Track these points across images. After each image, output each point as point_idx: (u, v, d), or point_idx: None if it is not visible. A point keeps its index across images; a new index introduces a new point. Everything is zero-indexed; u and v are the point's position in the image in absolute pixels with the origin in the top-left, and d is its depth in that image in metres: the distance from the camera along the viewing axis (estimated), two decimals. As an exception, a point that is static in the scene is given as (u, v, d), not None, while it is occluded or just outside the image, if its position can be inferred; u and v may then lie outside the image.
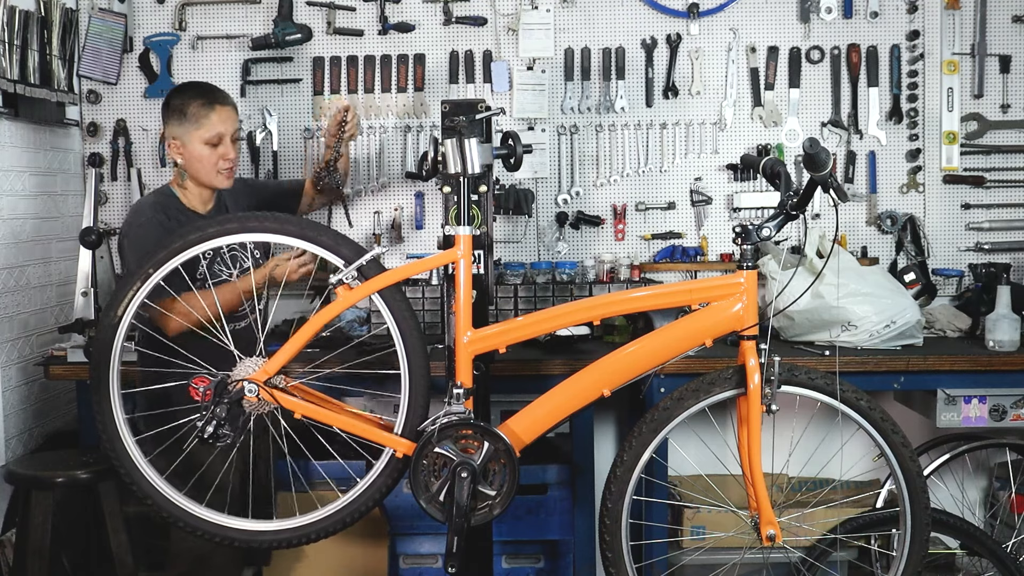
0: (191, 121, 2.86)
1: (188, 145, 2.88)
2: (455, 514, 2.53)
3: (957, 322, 3.54)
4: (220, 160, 2.89)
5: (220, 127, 2.88)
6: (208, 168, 2.90)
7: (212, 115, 2.87)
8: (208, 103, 2.87)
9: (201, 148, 2.87)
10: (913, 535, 2.68)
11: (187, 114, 2.86)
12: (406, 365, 2.69)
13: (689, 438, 3.25)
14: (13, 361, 3.29)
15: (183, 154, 2.89)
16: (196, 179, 2.92)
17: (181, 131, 2.88)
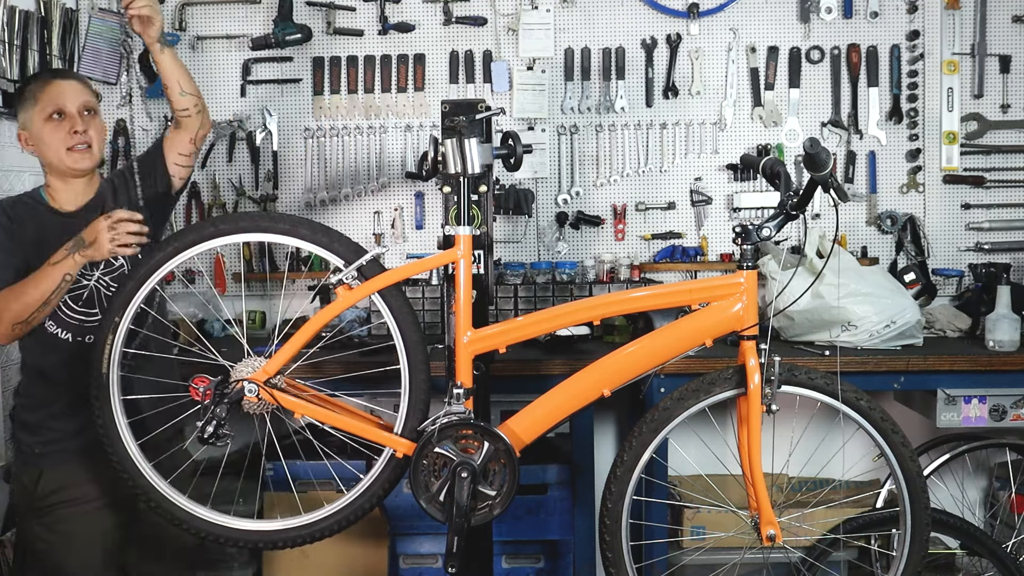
0: (30, 100, 2.58)
1: (32, 129, 2.58)
2: (455, 514, 2.53)
3: (957, 322, 3.54)
4: (66, 134, 2.56)
5: (59, 100, 2.57)
6: (56, 147, 2.56)
7: (48, 88, 2.58)
8: (47, 78, 2.63)
9: (43, 127, 2.56)
10: (913, 535, 2.67)
11: (25, 95, 2.60)
12: (406, 365, 2.69)
13: (689, 438, 3.25)
14: (13, 361, 3.29)
15: (34, 144, 2.60)
16: (52, 168, 2.61)
17: (25, 117, 2.60)
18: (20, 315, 2.45)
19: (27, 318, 2.47)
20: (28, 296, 2.46)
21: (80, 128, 2.57)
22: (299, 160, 3.84)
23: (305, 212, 3.78)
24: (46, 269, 2.45)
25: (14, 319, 2.46)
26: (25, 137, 2.60)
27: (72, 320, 2.59)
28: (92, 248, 2.47)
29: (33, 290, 2.46)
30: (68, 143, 2.56)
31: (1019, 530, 3.48)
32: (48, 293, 2.47)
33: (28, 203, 2.60)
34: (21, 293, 2.46)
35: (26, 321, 2.47)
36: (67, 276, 2.47)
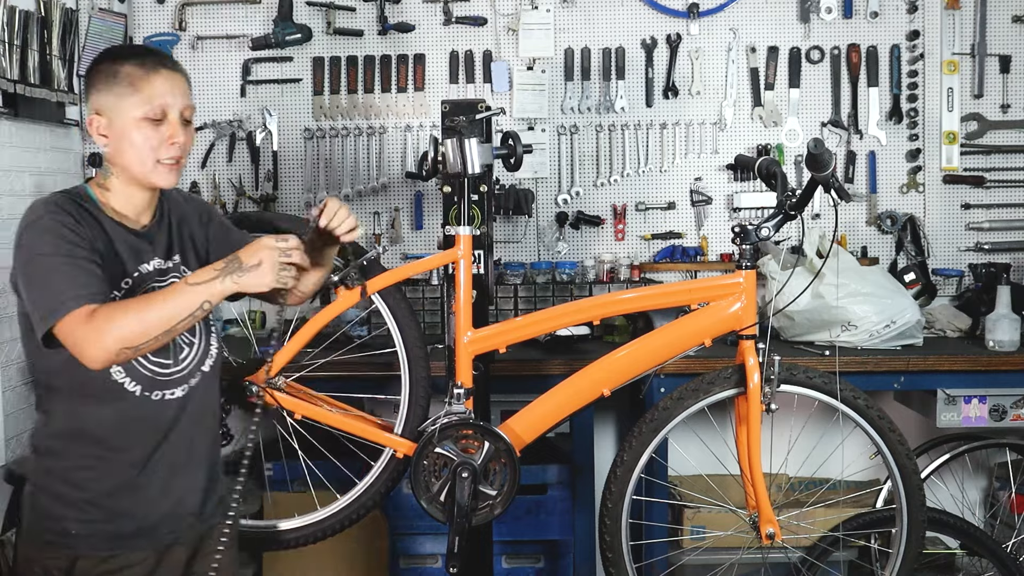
0: (123, 84, 1.97)
1: (117, 121, 1.98)
2: (456, 514, 2.54)
3: (957, 322, 3.54)
4: (163, 145, 1.99)
5: (166, 96, 1.99)
6: (145, 156, 1.99)
7: (155, 78, 1.99)
8: (152, 63, 2.00)
9: (137, 126, 1.98)
10: (909, 532, 2.68)
11: (119, 76, 1.98)
12: (406, 365, 2.70)
13: (689, 438, 3.25)
14: (13, 361, 3.29)
15: (110, 136, 2.00)
16: (127, 172, 2.02)
17: (110, 101, 1.98)
18: (136, 338, 1.84)
19: (141, 343, 1.85)
20: (150, 316, 1.86)
21: (180, 139, 2.01)
22: (299, 160, 3.84)
23: (305, 212, 3.78)
24: (181, 287, 1.90)
25: (125, 341, 1.83)
26: (99, 125, 2.01)
27: (144, 370, 2.01)
28: (252, 275, 1.93)
29: (158, 310, 1.87)
30: (161, 155, 2.00)
31: (1019, 530, 3.48)
32: (178, 319, 1.88)
33: (84, 207, 1.99)
34: (141, 310, 1.86)
35: (137, 347, 1.85)
36: (206, 304, 1.92)
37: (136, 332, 1.84)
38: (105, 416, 1.99)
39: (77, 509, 1.99)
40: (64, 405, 2.01)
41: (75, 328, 1.83)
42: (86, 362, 1.85)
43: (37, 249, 1.89)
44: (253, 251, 1.95)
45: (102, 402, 1.99)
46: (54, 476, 2.01)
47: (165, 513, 2.06)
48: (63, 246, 1.89)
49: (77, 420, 2.00)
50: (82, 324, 1.82)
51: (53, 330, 1.85)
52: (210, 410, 2.16)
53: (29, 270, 1.90)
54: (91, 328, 1.82)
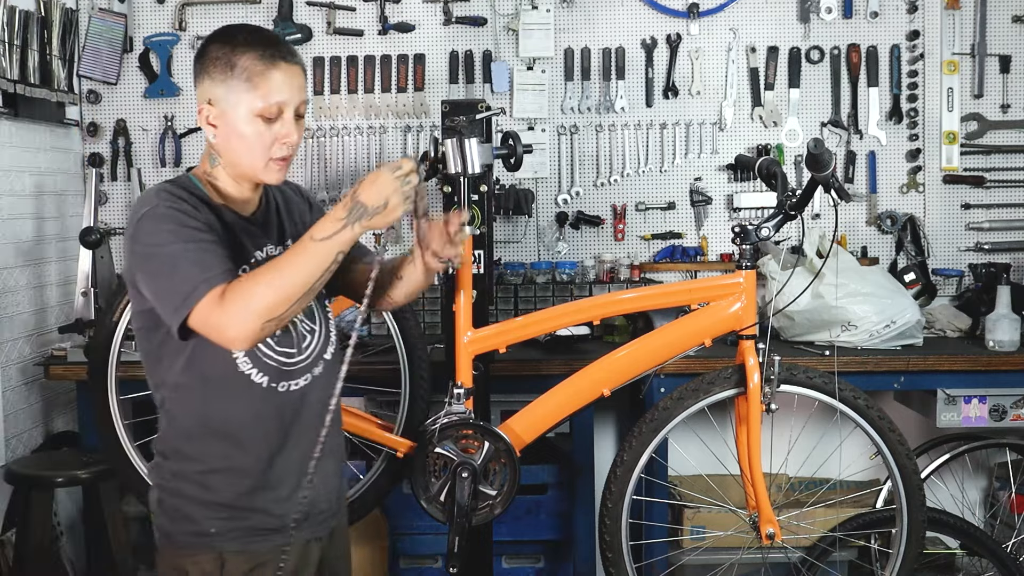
0: (240, 78, 1.86)
1: (230, 114, 1.87)
2: (456, 514, 2.54)
3: (957, 322, 3.54)
4: (276, 143, 1.89)
5: (283, 93, 1.87)
6: (257, 153, 1.89)
7: (274, 73, 1.87)
8: (271, 55, 1.88)
9: (250, 122, 1.87)
10: (909, 532, 2.69)
11: (235, 66, 1.86)
12: (406, 365, 2.70)
13: (689, 438, 3.25)
14: (13, 361, 3.29)
15: (220, 127, 1.89)
16: (235, 166, 1.92)
17: (223, 92, 1.87)
18: (276, 307, 1.73)
19: (283, 311, 1.74)
20: (284, 281, 1.73)
21: (293, 139, 1.90)
22: (299, 160, 3.84)
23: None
24: (308, 246, 1.76)
25: (268, 312, 1.72)
26: (210, 114, 1.89)
27: (270, 360, 1.92)
28: (383, 214, 1.79)
29: (291, 273, 1.74)
30: (273, 153, 1.89)
31: (1019, 530, 3.48)
32: (314, 278, 1.76)
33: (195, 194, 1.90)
34: (274, 277, 1.74)
35: (280, 316, 1.74)
36: (339, 256, 1.78)
37: (275, 300, 1.72)
38: (233, 411, 1.90)
39: (213, 509, 1.90)
40: (190, 405, 1.91)
41: (210, 312, 1.72)
42: (230, 344, 1.76)
43: (156, 239, 1.78)
44: (375, 190, 1.78)
45: (230, 396, 1.89)
46: (185, 479, 1.91)
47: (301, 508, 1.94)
48: (183, 231, 1.78)
49: (205, 418, 1.90)
50: (216, 307, 1.72)
51: (188, 320, 1.75)
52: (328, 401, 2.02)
53: (151, 264, 1.79)
54: (227, 308, 1.71)
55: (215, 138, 1.90)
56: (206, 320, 1.73)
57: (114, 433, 2.76)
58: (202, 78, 1.90)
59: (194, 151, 3.82)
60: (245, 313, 1.71)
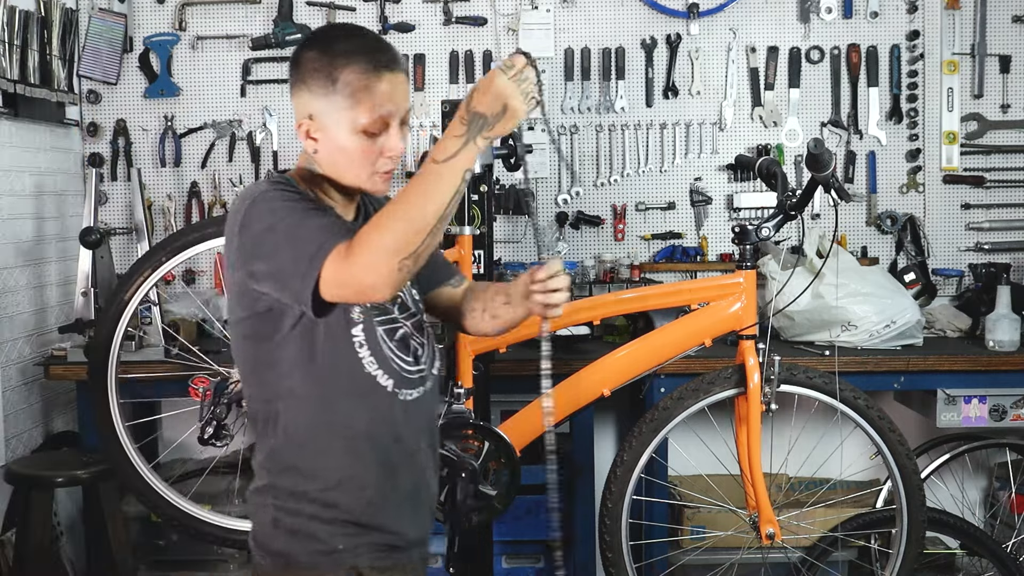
0: (343, 93, 1.72)
1: (332, 129, 1.75)
2: (456, 514, 2.54)
3: (957, 322, 3.54)
4: (381, 157, 1.77)
5: (388, 105, 1.74)
6: (361, 167, 1.77)
7: (379, 86, 1.73)
8: (374, 67, 1.73)
9: (354, 137, 1.74)
10: (909, 532, 2.69)
11: (338, 83, 1.73)
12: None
13: (689, 438, 3.25)
14: (13, 361, 3.29)
15: (321, 142, 1.77)
16: (338, 179, 1.80)
17: (324, 107, 1.74)
18: (410, 241, 1.56)
19: (419, 247, 1.57)
20: (418, 210, 1.57)
21: (397, 151, 1.77)
22: (299, 160, 3.83)
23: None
24: (432, 170, 1.59)
25: (403, 248, 1.55)
26: (310, 128, 1.77)
27: (394, 364, 1.80)
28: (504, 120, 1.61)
29: (423, 200, 1.57)
30: (378, 167, 1.77)
31: (1019, 530, 3.48)
32: (445, 202, 1.58)
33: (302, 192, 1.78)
34: (404, 208, 1.57)
35: (416, 252, 1.56)
36: (468, 174, 1.61)
37: (407, 234, 1.55)
38: (357, 417, 1.77)
39: (337, 525, 1.77)
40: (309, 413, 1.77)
41: (340, 266, 1.57)
42: (371, 294, 1.59)
43: (271, 217, 1.67)
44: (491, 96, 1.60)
45: (354, 400, 1.77)
46: (304, 498, 1.77)
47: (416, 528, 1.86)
48: (299, 205, 1.69)
49: (326, 426, 1.76)
50: (345, 259, 1.57)
51: (319, 287, 1.60)
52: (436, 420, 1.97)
53: (268, 241, 1.66)
54: (357, 255, 1.56)
55: (316, 152, 1.77)
56: (337, 275, 1.58)
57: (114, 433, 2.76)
58: (299, 90, 1.77)
59: (194, 151, 3.82)
60: (378, 253, 1.54)
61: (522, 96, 1.62)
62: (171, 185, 3.82)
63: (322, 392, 1.76)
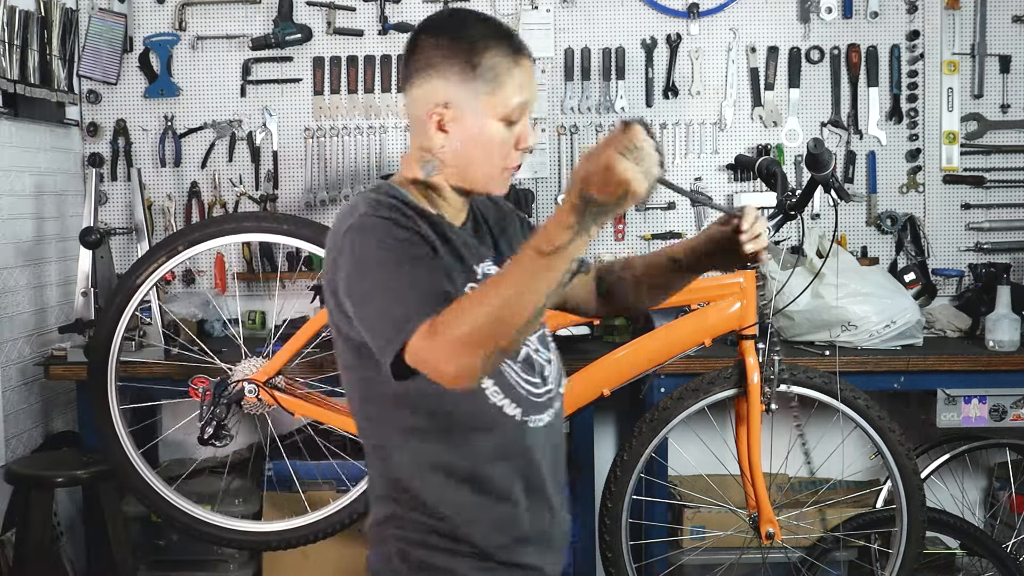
0: (485, 78, 1.61)
1: (470, 118, 1.62)
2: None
3: (957, 322, 3.54)
4: (512, 152, 1.66)
5: (526, 92, 1.64)
6: (495, 161, 1.65)
7: (518, 71, 1.63)
8: (514, 51, 1.64)
9: (493, 127, 1.63)
10: (909, 532, 2.69)
11: (479, 69, 1.61)
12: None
13: (689, 438, 3.25)
14: (13, 361, 3.29)
15: (454, 133, 1.63)
16: (464, 176, 1.67)
17: (464, 95, 1.61)
18: (499, 336, 1.39)
19: (508, 342, 1.41)
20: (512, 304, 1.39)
21: (533, 143, 1.68)
22: (299, 160, 3.84)
23: (305, 212, 3.78)
24: (534, 260, 1.39)
25: (489, 342, 1.39)
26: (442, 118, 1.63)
27: (521, 390, 1.67)
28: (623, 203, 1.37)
29: (519, 293, 1.39)
30: (509, 161, 1.66)
31: (1019, 530, 3.48)
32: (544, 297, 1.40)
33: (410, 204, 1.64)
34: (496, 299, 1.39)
35: (504, 349, 1.41)
36: (573, 264, 1.42)
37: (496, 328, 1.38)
38: (483, 452, 1.63)
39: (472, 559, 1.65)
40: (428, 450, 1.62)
41: (422, 346, 1.42)
42: (449, 382, 1.43)
43: (365, 257, 1.52)
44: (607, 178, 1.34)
45: (479, 433, 1.62)
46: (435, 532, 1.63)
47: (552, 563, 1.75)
48: (398, 248, 1.52)
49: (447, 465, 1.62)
50: (429, 339, 1.41)
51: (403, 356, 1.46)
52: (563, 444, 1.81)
53: (360, 286, 1.53)
54: (440, 340, 1.40)
55: (444, 146, 1.63)
56: (418, 355, 1.43)
57: (114, 433, 2.76)
58: (429, 77, 1.62)
59: (194, 151, 3.82)
60: (461, 345, 1.39)
61: (643, 175, 1.36)
62: (171, 185, 3.82)
63: (442, 427, 1.61)
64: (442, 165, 1.66)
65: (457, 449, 1.62)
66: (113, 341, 2.75)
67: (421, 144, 1.66)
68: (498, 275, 1.44)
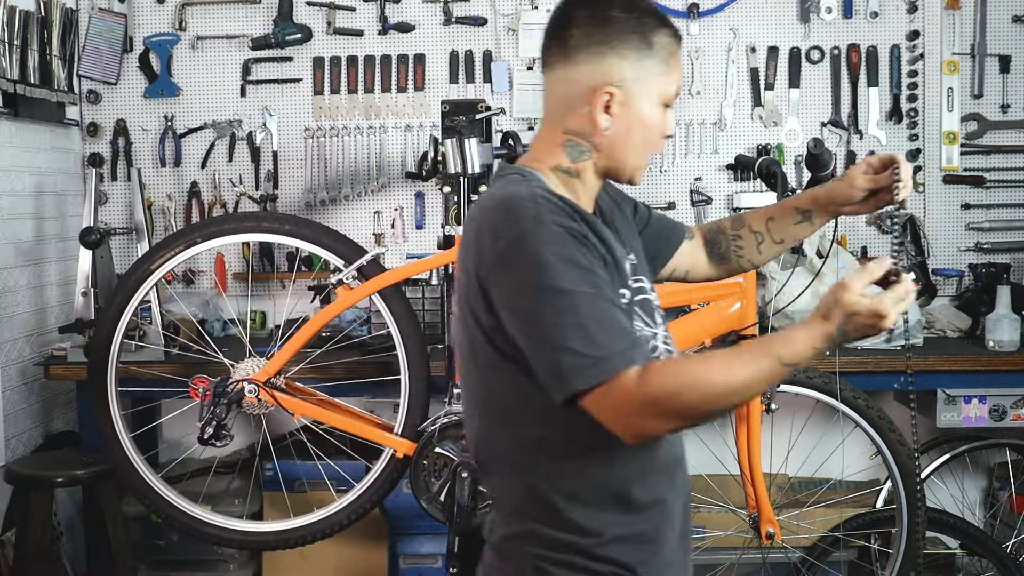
0: (657, 58, 1.54)
1: (639, 100, 1.53)
2: (456, 514, 2.54)
3: (957, 322, 3.54)
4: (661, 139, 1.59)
5: (680, 78, 1.60)
6: (649, 147, 1.58)
7: (679, 54, 1.57)
8: (675, 32, 1.57)
9: (656, 110, 1.55)
10: (909, 532, 2.69)
11: (654, 46, 1.53)
12: (406, 365, 2.70)
13: (689, 438, 3.24)
14: (13, 361, 3.29)
15: (619, 115, 1.54)
16: (614, 161, 1.57)
17: (637, 74, 1.52)
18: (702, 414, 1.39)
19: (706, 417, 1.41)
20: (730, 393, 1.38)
21: (671, 132, 1.61)
22: (299, 160, 3.84)
23: (305, 212, 3.78)
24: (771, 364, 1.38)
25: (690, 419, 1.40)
26: (611, 100, 1.52)
27: None
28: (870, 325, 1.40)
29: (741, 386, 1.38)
30: (656, 149, 1.61)
31: (1019, 530, 3.48)
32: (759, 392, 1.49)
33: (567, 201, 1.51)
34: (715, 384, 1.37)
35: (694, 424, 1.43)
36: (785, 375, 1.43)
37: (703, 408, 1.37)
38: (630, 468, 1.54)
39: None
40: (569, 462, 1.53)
41: (619, 398, 1.36)
42: (627, 436, 1.39)
43: (545, 274, 1.39)
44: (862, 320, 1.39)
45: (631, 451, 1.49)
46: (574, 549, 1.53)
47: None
48: (577, 270, 1.41)
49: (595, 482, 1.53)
50: (630, 393, 1.35)
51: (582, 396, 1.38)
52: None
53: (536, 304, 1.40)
54: (647, 400, 1.35)
55: (607, 129, 1.53)
56: (611, 404, 1.37)
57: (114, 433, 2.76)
58: (602, 54, 1.51)
59: (194, 151, 3.82)
60: (667, 409, 1.36)
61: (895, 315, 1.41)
62: (171, 185, 3.82)
63: (598, 443, 1.49)
64: (594, 150, 1.55)
65: (608, 466, 1.52)
66: (113, 341, 2.75)
67: (568, 127, 1.54)
68: (726, 358, 1.39)
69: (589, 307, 1.38)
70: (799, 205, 1.88)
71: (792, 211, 1.87)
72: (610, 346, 1.37)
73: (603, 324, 1.38)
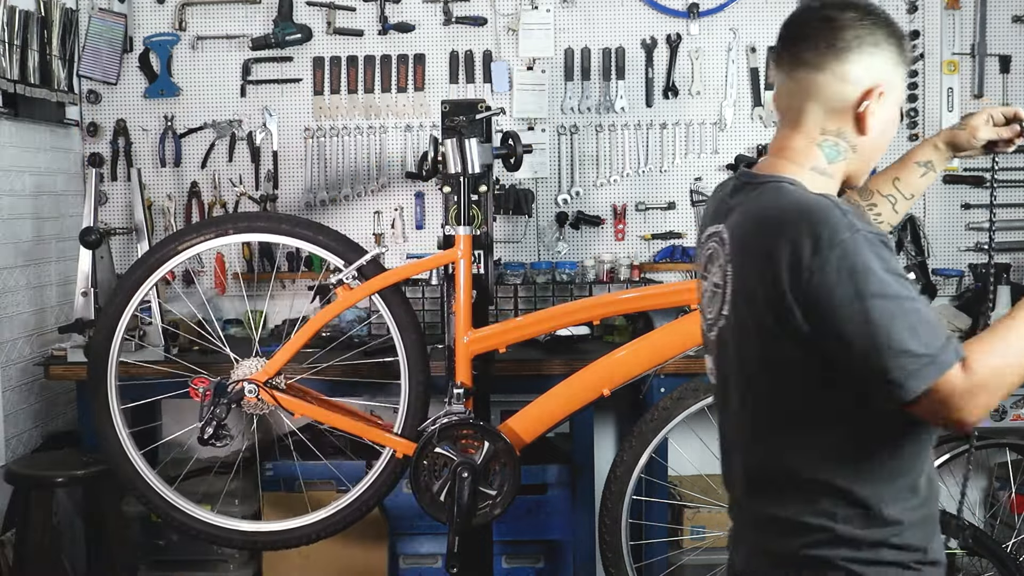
0: (904, 60, 1.57)
1: (891, 104, 1.56)
2: (456, 514, 2.54)
3: (957, 322, 3.54)
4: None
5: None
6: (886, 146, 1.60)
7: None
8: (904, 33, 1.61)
9: (897, 111, 1.59)
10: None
11: (903, 47, 1.57)
12: (406, 365, 2.70)
13: (689, 438, 3.25)
14: (13, 361, 3.29)
15: (877, 118, 1.55)
16: (864, 165, 1.60)
17: (895, 77, 1.56)
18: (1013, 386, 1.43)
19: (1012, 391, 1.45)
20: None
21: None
22: (299, 160, 3.84)
23: (305, 212, 3.78)
24: None
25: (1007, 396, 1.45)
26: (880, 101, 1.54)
27: None
28: None
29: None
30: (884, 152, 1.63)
31: (1019, 530, 3.48)
32: None
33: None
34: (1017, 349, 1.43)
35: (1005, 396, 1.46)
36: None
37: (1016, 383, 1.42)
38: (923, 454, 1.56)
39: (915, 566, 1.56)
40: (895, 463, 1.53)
41: (956, 388, 1.38)
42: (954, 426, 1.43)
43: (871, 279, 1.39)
44: None
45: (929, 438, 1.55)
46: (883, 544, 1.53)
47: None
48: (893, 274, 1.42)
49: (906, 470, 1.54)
50: (964, 383, 1.39)
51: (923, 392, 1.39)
52: None
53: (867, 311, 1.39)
54: (976, 388, 1.39)
55: (869, 132, 1.54)
56: (949, 395, 1.39)
57: (114, 433, 2.76)
58: (872, 55, 1.53)
59: (194, 151, 3.82)
60: (992, 396, 1.40)
61: None
62: (171, 185, 3.82)
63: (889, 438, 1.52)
64: (851, 150, 1.56)
65: (902, 456, 1.53)
66: (113, 341, 2.74)
67: (826, 127, 1.55)
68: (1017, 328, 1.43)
69: (912, 308, 1.40)
70: (919, 159, 2.00)
71: (913, 166, 2.00)
72: (938, 342, 1.39)
73: (928, 323, 1.40)
